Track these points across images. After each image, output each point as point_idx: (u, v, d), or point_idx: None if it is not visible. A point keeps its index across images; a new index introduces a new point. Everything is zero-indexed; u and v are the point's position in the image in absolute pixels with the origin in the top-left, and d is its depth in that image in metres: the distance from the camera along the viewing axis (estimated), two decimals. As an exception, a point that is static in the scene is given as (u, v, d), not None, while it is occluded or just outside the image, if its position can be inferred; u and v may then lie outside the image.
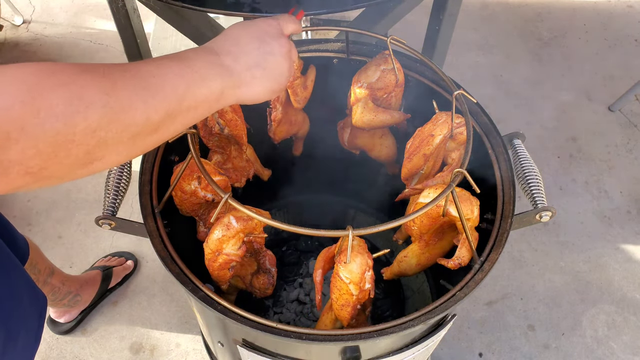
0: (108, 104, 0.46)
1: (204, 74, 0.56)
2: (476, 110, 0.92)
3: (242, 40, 0.63)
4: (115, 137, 0.47)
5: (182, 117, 0.55)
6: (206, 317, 0.93)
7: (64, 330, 1.56)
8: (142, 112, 0.49)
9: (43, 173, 0.44)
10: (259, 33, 0.65)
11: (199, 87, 0.56)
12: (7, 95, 0.40)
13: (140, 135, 0.50)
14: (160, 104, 0.51)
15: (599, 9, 2.65)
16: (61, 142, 0.43)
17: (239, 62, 0.61)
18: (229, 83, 0.59)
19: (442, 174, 0.86)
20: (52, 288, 1.37)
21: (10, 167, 0.41)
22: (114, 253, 1.71)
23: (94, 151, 0.46)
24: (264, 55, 0.64)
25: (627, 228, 1.84)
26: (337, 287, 0.74)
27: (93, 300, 1.58)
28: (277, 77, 0.66)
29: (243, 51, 0.62)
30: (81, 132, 0.44)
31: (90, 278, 1.57)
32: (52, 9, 2.61)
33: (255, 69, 0.63)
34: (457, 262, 0.77)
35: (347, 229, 0.62)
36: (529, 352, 1.57)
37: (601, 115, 2.19)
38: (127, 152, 0.50)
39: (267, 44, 0.65)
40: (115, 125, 0.47)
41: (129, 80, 0.49)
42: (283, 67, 0.66)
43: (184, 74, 0.54)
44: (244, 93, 0.62)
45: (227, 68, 0.60)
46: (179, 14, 1.51)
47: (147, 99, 0.50)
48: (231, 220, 0.76)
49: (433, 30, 1.54)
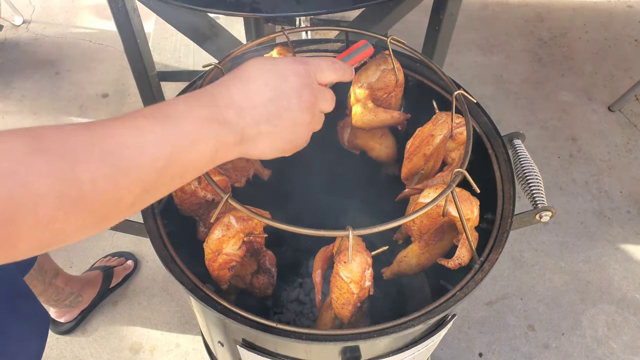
0: (63, 193, 0.37)
1: (193, 136, 0.45)
2: (476, 110, 0.92)
3: (252, 87, 0.51)
4: (76, 223, 0.39)
5: (165, 186, 0.46)
6: (206, 317, 0.93)
7: (65, 330, 1.56)
8: (110, 195, 0.41)
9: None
10: (277, 80, 0.52)
11: (187, 153, 0.45)
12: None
13: (111, 215, 0.42)
14: (134, 183, 0.42)
15: (599, 9, 2.65)
16: (3, 240, 0.36)
17: (244, 116, 0.49)
18: (226, 140, 0.49)
19: (442, 174, 0.86)
20: (56, 289, 1.37)
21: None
22: (114, 253, 1.72)
23: (50, 240, 0.39)
24: (277, 110, 0.51)
25: (627, 228, 1.84)
26: (338, 286, 0.74)
27: (93, 300, 1.58)
28: (289, 136, 0.53)
29: (251, 102, 0.50)
30: (28, 230, 0.37)
31: (92, 278, 1.57)
32: (52, 9, 2.61)
33: (264, 124, 0.51)
34: (457, 262, 0.77)
35: (347, 229, 0.62)
36: (529, 352, 1.57)
37: (601, 115, 2.19)
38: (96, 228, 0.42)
39: (284, 97, 0.51)
40: (75, 214, 0.39)
41: (93, 157, 0.40)
42: (299, 126, 0.53)
43: (167, 140, 0.44)
44: (247, 149, 0.52)
45: (226, 123, 0.48)
46: (179, 14, 1.51)
47: (118, 180, 0.40)
48: (231, 220, 0.76)
49: (433, 30, 1.54)
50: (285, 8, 0.96)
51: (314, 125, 0.57)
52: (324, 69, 0.57)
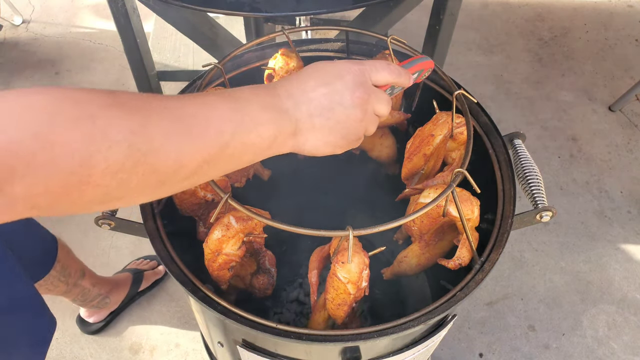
0: (135, 144, 0.40)
1: (256, 117, 0.49)
2: (476, 110, 0.92)
3: (309, 83, 0.54)
4: (141, 180, 0.42)
5: (223, 163, 0.48)
6: (206, 318, 0.93)
7: (93, 330, 1.56)
8: (175, 157, 0.43)
9: (53, 209, 0.40)
10: (332, 78, 0.55)
11: (248, 133, 0.48)
12: (20, 125, 0.35)
13: (171, 180, 0.45)
14: (197, 151, 0.45)
15: (600, 9, 2.65)
16: (74, 182, 0.38)
17: (300, 107, 0.53)
18: (284, 129, 0.52)
19: (443, 174, 0.86)
20: (82, 290, 1.36)
21: (14, 201, 0.37)
22: (147, 256, 1.71)
23: (114, 192, 0.41)
24: (330, 104, 0.54)
25: (627, 228, 1.84)
26: (334, 286, 0.74)
27: (123, 302, 1.57)
28: (341, 131, 0.55)
29: (308, 96, 0.53)
30: (99, 174, 0.39)
31: (121, 280, 1.57)
32: (51, 9, 2.61)
33: (317, 118, 0.54)
34: (457, 262, 0.77)
35: (347, 229, 0.62)
36: (530, 352, 1.57)
37: (602, 115, 2.19)
38: (153, 194, 0.46)
39: (338, 92, 0.54)
40: (141, 168, 0.41)
41: (165, 118, 0.43)
42: (352, 122, 0.55)
43: (232, 118, 0.47)
44: (300, 142, 0.54)
45: (284, 112, 0.52)
46: (179, 13, 1.51)
47: (183, 143, 0.44)
48: (231, 220, 0.76)
49: (433, 30, 1.54)
50: (285, 7, 0.96)
51: (366, 123, 0.58)
52: (379, 69, 0.58)
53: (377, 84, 0.59)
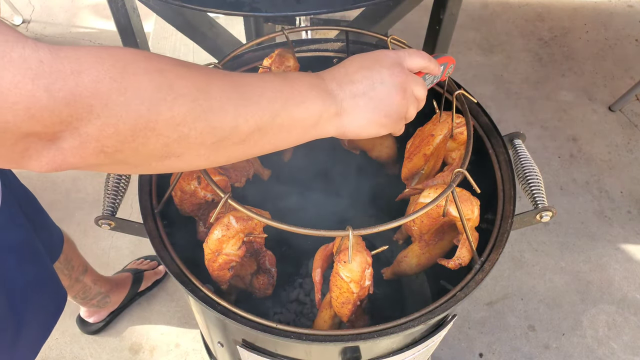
0: (197, 100, 0.44)
1: (304, 94, 0.53)
2: (476, 110, 0.92)
3: (351, 68, 0.59)
4: (199, 137, 0.45)
5: (273, 134, 0.52)
6: (206, 318, 0.93)
7: (93, 330, 1.56)
8: (231, 117, 0.47)
9: (117, 156, 0.43)
10: (371, 62, 0.59)
11: (297, 106, 0.52)
12: (98, 68, 0.39)
13: (225, 142, 0.48)
14: (252, 115, 0.49)
15: (600, 9, 2.65)
16: (141, 127, 0.41)
17: (344, 88, 0.57)
18: (329, 109, 0.55)
19: (443, 174, 0.86)
20: (83, 286, 1.36)
21: (87, 141, 0.40)
22: (147, 256, 1.71)
23: (173, 146, 0.45)
24: (372, 84, 0.58)
25: (627, 228, 1.84)
26: (338, 285, 0.74)
27: (123, 302, 1.57)
28: (384, 109, 0.59)
29: (350, 78, 0.57)
30: (163, 122, 0.42)
31: (121, 280, 1.57)
32: (51, 9, 2.61)
33: (360, 98, 0.57)
34: (457, 262, 0.77)
35: (347, 229, 0.62)
36: (530, 352, 1.57)
37: (602, 115, 2.19)
38: (207, 156, 0.49)
39: (377, 72, 0.58)
40: (201, 124, 0.45)
41: (225, 83, 0.47)
42: (393, 99, 0.59)
43: (283, 90, 0.52)
44: (345, 123, 0.57)
45: (329, 93, 0.56)
46: (179, 13, 1.51)
47: (239, 106, 0.48)
48: (231, 220, 0.75)
49: (433, 29, 1.54)
50: (285, 7, 0.95)
51: (407, 103, 0.61)
52: (412, 55, 0.63)
53: (412, 69, 0.63)
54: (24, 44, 0.36)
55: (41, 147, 0.39)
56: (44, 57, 0.37)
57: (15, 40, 0.36)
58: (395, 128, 0.63)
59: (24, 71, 0.35)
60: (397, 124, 0.62)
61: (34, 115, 0.36)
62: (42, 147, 0.39)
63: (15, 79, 0.35)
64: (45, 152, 0.40)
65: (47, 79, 0.36)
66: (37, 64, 0.36)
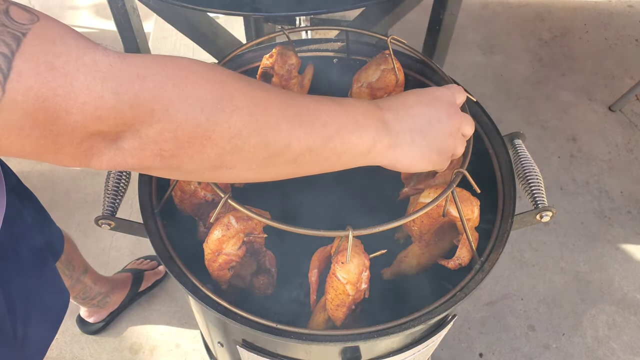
0: (254, 114, 0.45)
1: (359, 121, 0.53)
2: (476, 110, 0.92)
3: (408, 102, 0.58)
4: (251, 150, 0.46)
5: (323, 158, 0.52)
6: (206, 318, 0.93)
7: (93, 330, 1.56)
8: (285, 135, 0.48)
9: (173, 161, 0.44)
10: (429, 99, 0.59)
11: (350, 132, 0.52)
12: (162, 74, 0.40)
13: (276, 159, 0.49)
14: (305, 135, 0.49)
15: (600, 9, 2.65)
16: (198, 135, 0.43)
17: (401, 121, 0.56)
18: (383, 139, 0.55)
19: (443, 174, 0.86)
20: (83, 286, 1.37)
21: (146, 144, 0.41)
22: (147, 256, 1.71)
23: (226, 157, 0.46)
24: (429, 120, 0.58)
25: (627, 228, 1.84)
26: (334, 287, 0.74)
27: (123, 302, 1.57)
28: (437, 146, 0.59)
29: (408, 112, 0.57)
30: (220, 133, 0.43)
31: (121, 280, 1.57)
32: (51, 9, 2.61)
33: (417, 134, 0.57)
34: (457, 262, 0.77)
35: (347, 229, 0.62)
36: (530, 352, 1.57)
37: (602, 115, 2.19)
38: (257, 171, 0.49)
39: (435, 110, 0.58)
40: (255, 139, 0.46)
41: (282, 100, 0.48)
42: (446, 140, 0.60)
43: (338, 115, 0.52)
44: (397, 155, 0.57)
45: (385, 123, 0.55)
46: (179, 13, 1.51)
47: (294, 125, 0.48)
48: (231, 220, 0.75)
49: (433, 29, 1.54)
50: (285, 7, 0.96)
51: (456, 143, 0.62)
52: (460, 92, 0.64)
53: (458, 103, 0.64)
54: (94, 49, 0.38)
55: (104, 147, 0.41)
56: (113, 61, 0.38)
57: (86, 46, 0.38)
58: (444, 165, 0.64)
59: (95, 74, 0.37)
60: (446, 161, 0.63)
61: (100, 115, 0.38)
62: (104, 147, 0.41)
63: (86, 81, 0.37)
64: (106, 151, 0.41)
65: (115, 82, 0.38)
66: (107, 68, 0.38)
